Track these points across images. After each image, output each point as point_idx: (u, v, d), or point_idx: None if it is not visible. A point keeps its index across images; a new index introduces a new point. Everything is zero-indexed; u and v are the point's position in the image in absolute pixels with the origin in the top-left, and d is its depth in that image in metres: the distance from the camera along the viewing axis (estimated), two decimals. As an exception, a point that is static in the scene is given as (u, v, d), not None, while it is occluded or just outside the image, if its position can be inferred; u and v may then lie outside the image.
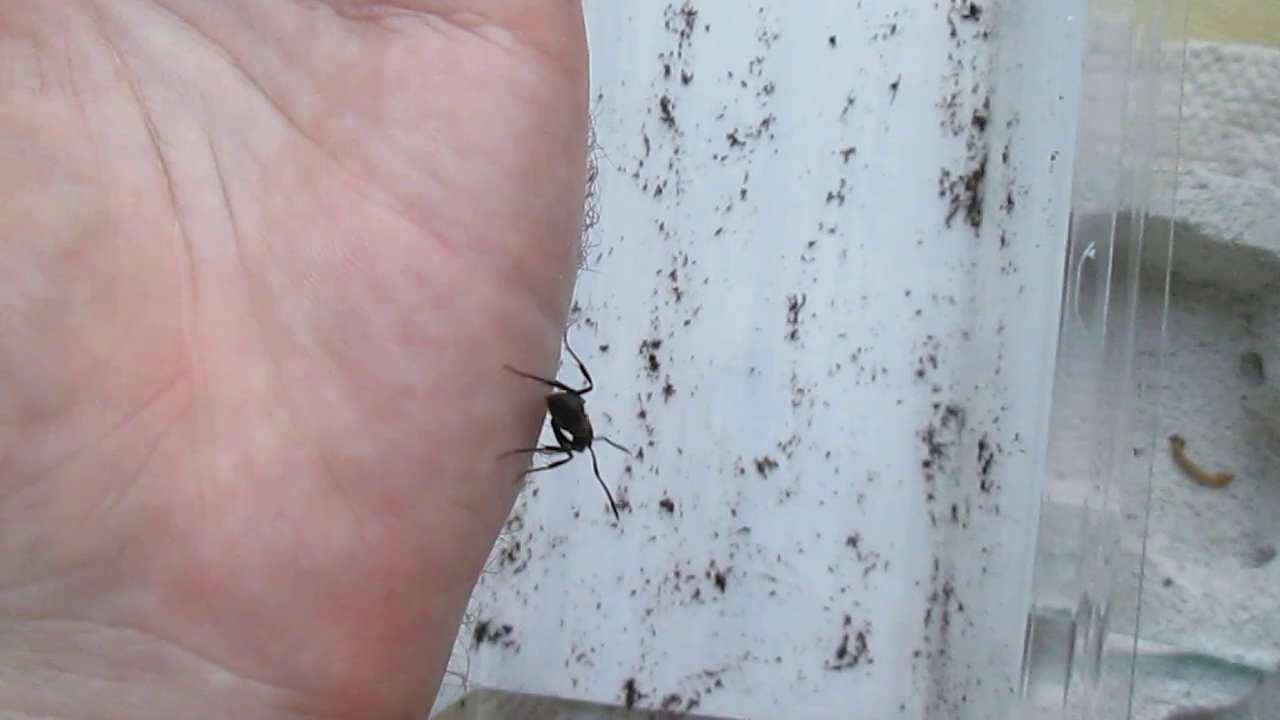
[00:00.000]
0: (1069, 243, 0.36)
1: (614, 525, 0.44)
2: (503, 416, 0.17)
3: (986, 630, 0.39)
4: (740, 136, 0.44)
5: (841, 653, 0.43)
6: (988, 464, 0.40)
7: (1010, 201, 0.40)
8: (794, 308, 0.44)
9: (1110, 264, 0.35)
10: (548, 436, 0.20)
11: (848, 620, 0.43)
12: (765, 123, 0.44)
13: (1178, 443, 0.46)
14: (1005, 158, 0.41)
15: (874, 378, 0.43)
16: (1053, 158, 0.37)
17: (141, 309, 0.16)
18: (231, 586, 0.16)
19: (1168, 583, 0.42)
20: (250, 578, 0.16)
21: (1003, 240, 0.41)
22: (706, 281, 0.44)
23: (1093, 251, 0.35)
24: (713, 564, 0.44)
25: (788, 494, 0.44)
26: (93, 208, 0.16)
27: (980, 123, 0.43)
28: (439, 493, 0.17)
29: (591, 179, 0.20)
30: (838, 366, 0.43)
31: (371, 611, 0.17)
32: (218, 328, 0.16)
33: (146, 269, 0.16)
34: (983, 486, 0.40)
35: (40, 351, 0.15)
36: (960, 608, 0.41)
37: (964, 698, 0.40)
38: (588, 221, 0.20)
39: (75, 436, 0.15)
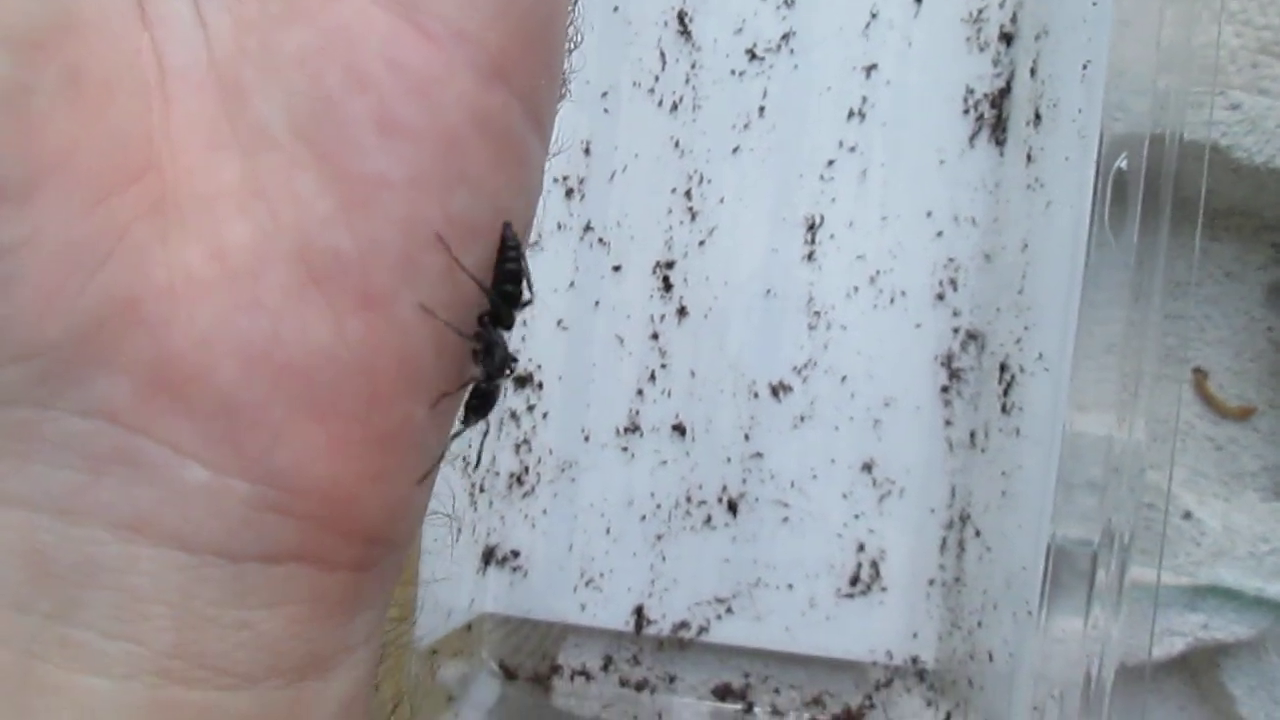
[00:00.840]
0: (1099, 158, 0.35)
1: (624, 450, 0.43)
2: (483, 219, 0.17)
3: (1005, 555, 0.38)
4: (759, 51, 0.43)
5: (854, 580, 0.43)
6: (1009, 386, 0.39)
7: (1038, 116, 0.39)
8: (811, 228, 0.43)
9: (1142, 178, 0.34)
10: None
11: (861, 547, 0.43)
12: (785, 37, 0.42)
13: (1200, 375, 0.45)
14: (1033, 72, 0.40)
15: (892, 301, 0.42)
16: (1084, 68, 0.36)
17: (108, 105, 0.15)
18: (205, 379, 0.16)
19: (1187, 515, 0.41)
20: (224, 370, 0.16)
21: (1029, 157, 0.39)
22: (722, 201, 0.43)
23: (1124, 162, 0.34)
24: (725, 489, 0.43)
25: (802, 419, 0.43)
26: (60, 6, 0.15)
27: (1007, 38, 0.41)
28: (418, 291, 0.16)
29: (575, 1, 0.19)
30: (855, 289, 0.42)
31: (351, 413, 0.16)
32: (189, 127, 0.16)
33: (115, 70, 0.16)
34: (1003, 409, 0.39)
35: (2, 132, 0.14)
36: (977, 534, 0.41)
37: (979, 623, 0.40)
38: (570, 45, 0.19)
39: (39, 219, 0.15)
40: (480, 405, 0.18)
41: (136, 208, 0.16)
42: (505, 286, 0.18)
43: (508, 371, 0.19)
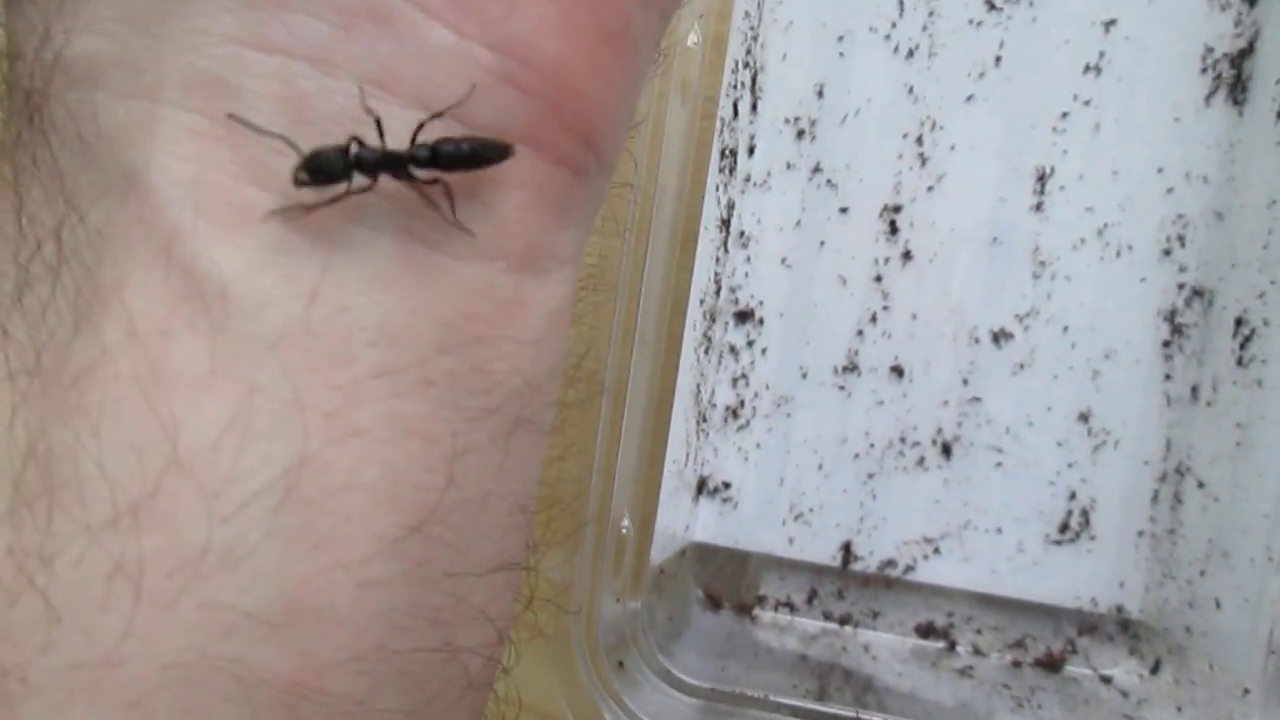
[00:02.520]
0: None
1: (841, 389, 0.44)
2: None
3: (1238, 504, 0.39)
4: (998, 2, 0.43)
5: (1064, 527, 0.43)
6: (1247, 339, 0.40)
7: (1291, 74, 0.39)
8: (1041, 179, 0.43)
9: None
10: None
11: (1072, 496, 0.43)
12: (1026, -11, 0.43)
13: None
14: (1284, 32, 0.40)
15: (1118, 254, 0.43)
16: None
17: None
18: None
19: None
20: None
21: (1278, 115, 0.40)
22: (953, 148, 0.43)
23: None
24: (939, 431, 0.44)
25: (1021, 366, 0.43)
26: None
27: (1251, 0, 0.42)
28: None
29: None
30: (1082, 241, 0.43)
31: None
32: None
33: None
34: (1239, 362, 0.40)
35: None
36: (1200, 485, 0.41)
37: (1201, 572, 0.40)
38: None
39: None
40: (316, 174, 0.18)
41: None
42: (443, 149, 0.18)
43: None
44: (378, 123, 0.17)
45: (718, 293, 0.44)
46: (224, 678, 0.16)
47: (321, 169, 0.16)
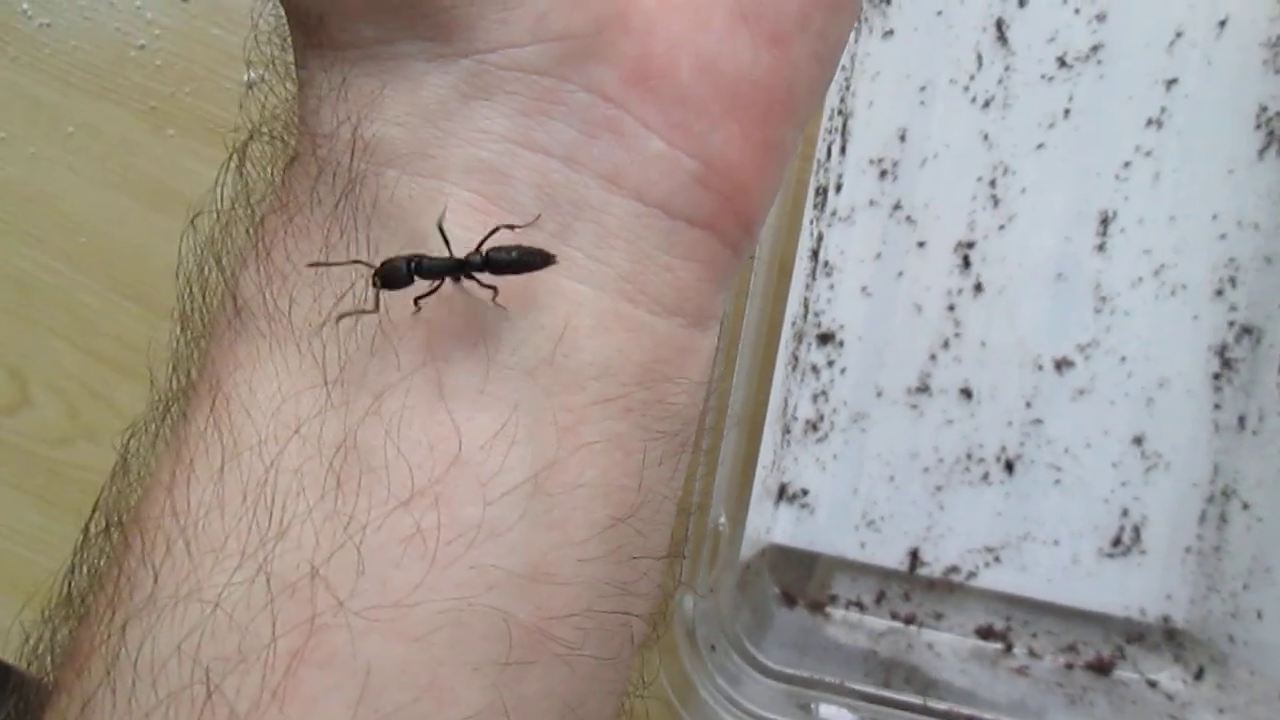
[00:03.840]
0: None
1: (913, 407, 0.48)
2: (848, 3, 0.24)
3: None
4: (1069, 60, 0.47)
5: (1116, 542, 0.47)
6: (1293, 374, 0.44)
7: (1340, 135, 0.43)
8: (1104, 222, 0.47)
9: None
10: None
11: (1125, 513, 0.47)
12: (1094, 49, 0.47)
13: None
14: (1333, 96, 0.44)
15: (1173, 293, 0.47)
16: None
17: None
18: (670, 75, 0.22)
19: None
20: (683, 70, 0.22)
21: (1326, 171, 0.44)
22: (1023, 191, 0.48)
23: None
24: (1003, 450, 0.48)
25: (1081, 392, 0.47)
26: None
27: (1303, 64, 0.46)
28: (805, 43, 0.23)
29: None
30: (1140, 279, 0.47)
31: (756, 119, 0.22)
32: None
33: None
34: (1285, 395, 0.44)
35: None
36: (1245, 506, 0.45)
37: (1245, 586, 0.44)
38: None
39: None
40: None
41: None
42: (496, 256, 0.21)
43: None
44: (443, 233, 0.21)
45: (805, 316, 0.48)
46: (486, 621, 0.21)
47: (389, 277, 0.21)
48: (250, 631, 0.19)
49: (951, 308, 0.48)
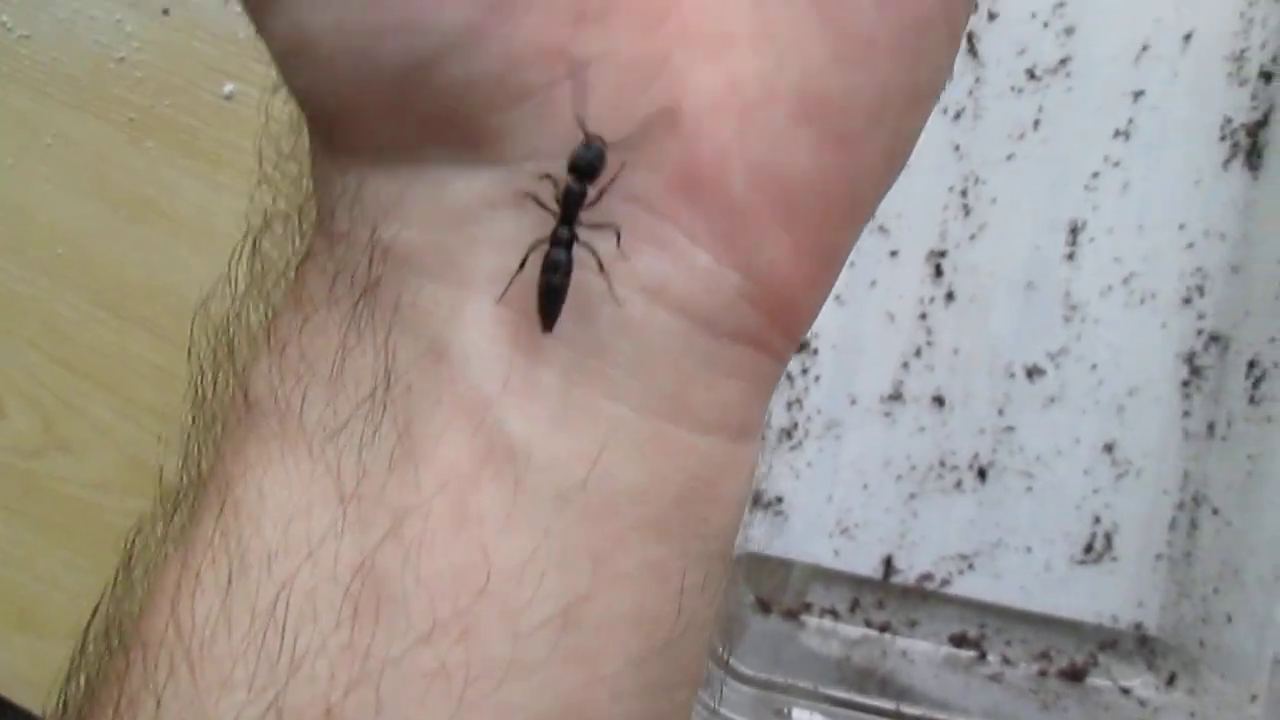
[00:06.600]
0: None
1: (887, 415, 0.49)
2: (927, 94, 0.21)
3: (1249, 528, 0.43)
4: (1038, 73, 0.48)
5: (1088, 549, 0.48)
6: (1259, 380, 0.44)
7: (1302, 145, 0.44)
8: (1074, 231, 0.48)
9: None
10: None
11: (1097, 520, 0.48)
12: (1063, 61, 0.48)
13: None
14: (1296, 107, 0.45)
15: (1142, 301, 0.47)
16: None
17: None
18: (719, 183, 0.20)
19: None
20: (734, 178, 0.20)
21: (1289, 180, 0.44)
22: (994, 201, 0.48)
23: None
24: (976, 457, 0.48)
25: (1052, 400, 0.48)
26: None
27: (1267, 76, 0.47)
28: (876, 140, 0.20)
29: None
30: (1109, 288, 0.48)
31: (811, 228, 0.20)
32: None
33: None
34: (1251, 400, 0.44)
35: None
36: (1215, 512, 0.45)
37: (1215, 591, 0.44)
38: None
39: (611, 38, 0.19)
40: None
41: (673, 36, 0.20)
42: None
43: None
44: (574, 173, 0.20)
45: (778, 325, 0.49)
46: None
47: (589, 161, 0.20)
48: None
49: (924, 316, 0.49)
